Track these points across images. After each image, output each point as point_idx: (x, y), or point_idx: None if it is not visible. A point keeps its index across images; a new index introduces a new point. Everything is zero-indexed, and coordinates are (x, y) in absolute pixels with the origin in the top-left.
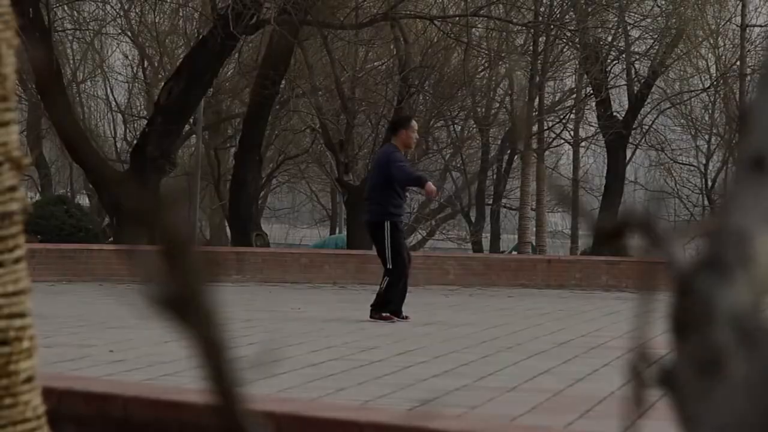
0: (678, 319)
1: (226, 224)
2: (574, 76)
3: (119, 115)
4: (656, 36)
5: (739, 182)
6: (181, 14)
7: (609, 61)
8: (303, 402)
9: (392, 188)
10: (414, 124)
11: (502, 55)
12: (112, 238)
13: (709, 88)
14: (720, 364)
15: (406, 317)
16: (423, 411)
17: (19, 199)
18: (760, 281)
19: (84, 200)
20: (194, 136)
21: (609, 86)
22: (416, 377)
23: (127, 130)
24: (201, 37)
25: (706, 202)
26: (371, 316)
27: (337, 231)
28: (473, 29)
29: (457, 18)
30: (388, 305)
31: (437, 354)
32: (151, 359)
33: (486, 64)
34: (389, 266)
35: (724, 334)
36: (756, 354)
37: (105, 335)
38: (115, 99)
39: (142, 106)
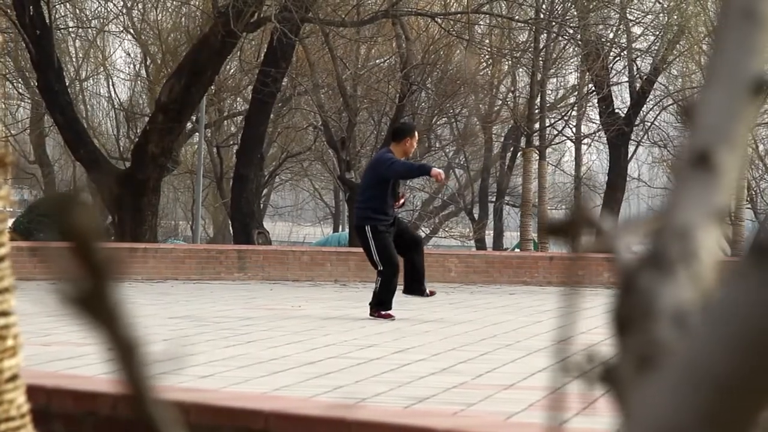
0: (620, 316)
1: (229, 222)
2: (576, 73)
3: (122, 113)
4: (658, 32)
5: (684, 178)
6: (183, 12)
7: (611, 57)
8: (290, 399)
9: (377, 193)
10: (416, 134)
11: (505, 52)
12: (114, 236)
13: None
14: (660, 360)
15: (432, 292)
16: (414, 409)
17: (3, 197)
18: (702, 277)
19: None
20: (197, 133)
21: (611, 83)
22: (413, 375)
23: (130, 128)
24: (202, 34)
25: None
26: (371, 314)
27: (339, 229)
28: (475, 26)
29: (459, 15)
30: (384, 305)
31: (435, 352)
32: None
33: (489, 61)
34: (380, 268)
35: (664, 330)
36: (689, 348)
37: None
38: (117, 97)
39: (145, 104)
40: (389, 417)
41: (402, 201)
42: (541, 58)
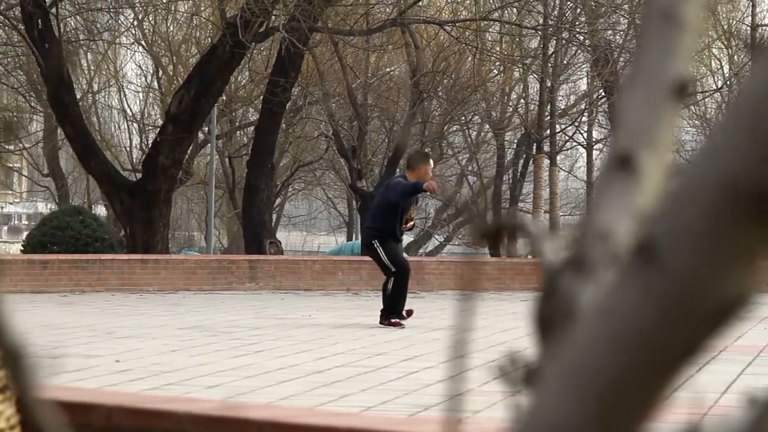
0: (542, 318)
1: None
2: (586, 79)
3: (134, 125)
4: None
5: (607, 181)
6: (194, 23)
7: (620, 63)
8: (283, 408)
9: (386, 215)
10: (431, 161)
11: (516, 58)
12: (126, 248)
13: (722, 88)
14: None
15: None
16: (416, 417)
17: None
18: None
19: (102, 210)
20: (209, 144)
21: (621, 88)
22: (420, 383)
23: (143, 140)
24: (211, 45)
25: None
26: (381, 322)
27: (353, 238)
28: (485, 33)
29: (468, 22)
30: (395, 313)
31: (443, 359)
32: (156, 369)
33: (500, 68)
34: (392, 269)
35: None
36: (578, 348)
37: (112, 345)
38: (130, 108)
39: (157, 115)
40: (386, 425)
41: (410, 224)
42: (550, 65)
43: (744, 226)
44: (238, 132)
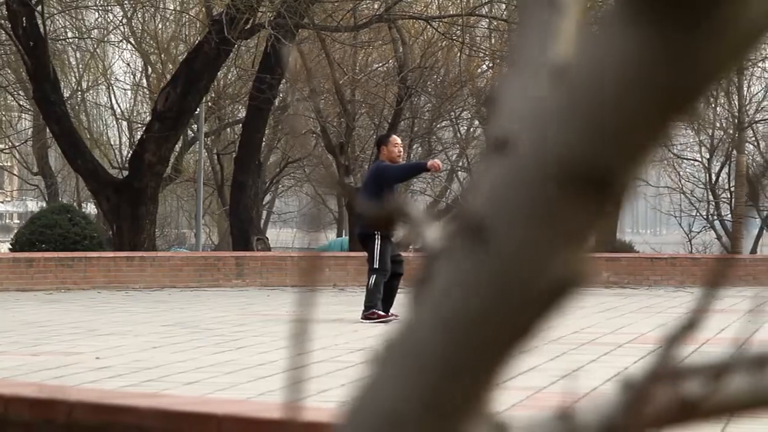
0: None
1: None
2: None
3: (124, 123)
4: None
5: (483, 164)
6: (183, 21)
7: None
8: (244, 402)
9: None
10: (394, 138)
11: (504, 53)
12: (113, 246)
13: None
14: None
15: (396, 315)
16: None
17: None
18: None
19: (92, 208)
20: (198, 142)
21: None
22: None
23: (132, 138)
24: (197, 42)
25: (710, 197)
26: (363, 317)
27: (343, 234)
28: (474, 29)
29: (454, 17)
30: (376, 302)
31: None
32: (137, 365)
33: (490, 64)
34: (375, 266)
35: None
36: (409, 332)
37: (94, 342)
38: (119, 106)
39: (147, 113)
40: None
41: None
42: None
43: (573, 206)
44: (227, 129)
